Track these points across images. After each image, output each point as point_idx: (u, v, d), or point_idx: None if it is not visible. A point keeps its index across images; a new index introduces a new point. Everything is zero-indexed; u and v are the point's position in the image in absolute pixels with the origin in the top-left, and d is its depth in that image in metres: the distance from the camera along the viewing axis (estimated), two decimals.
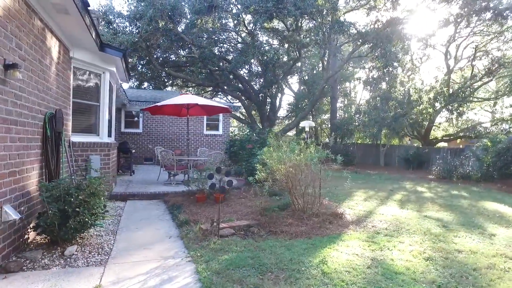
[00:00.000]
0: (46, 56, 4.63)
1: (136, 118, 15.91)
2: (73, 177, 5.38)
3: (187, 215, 5.63)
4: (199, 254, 3.88)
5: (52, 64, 4.93)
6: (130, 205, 6.77)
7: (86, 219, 3.92)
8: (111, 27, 16.80)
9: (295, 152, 5.36)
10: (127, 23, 17.25)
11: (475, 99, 23.29)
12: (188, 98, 8.59)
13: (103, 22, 16.94)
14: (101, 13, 17.02)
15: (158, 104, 8.94)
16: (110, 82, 7.62)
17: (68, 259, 3.63)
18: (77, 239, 4.19)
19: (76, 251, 3.85)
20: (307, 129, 13.31)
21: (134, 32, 17.02)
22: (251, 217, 5.27)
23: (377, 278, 3.30)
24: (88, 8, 5.04)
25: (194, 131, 16.15)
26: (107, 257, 3.80)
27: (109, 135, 7.85)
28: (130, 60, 20.83)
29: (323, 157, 5.55)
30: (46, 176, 4.59)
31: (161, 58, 21.86)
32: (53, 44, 4.95)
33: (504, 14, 17.36)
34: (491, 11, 17.74)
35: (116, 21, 17.24)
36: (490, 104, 25.52)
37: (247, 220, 5.03)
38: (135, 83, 24.60)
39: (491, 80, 20.73)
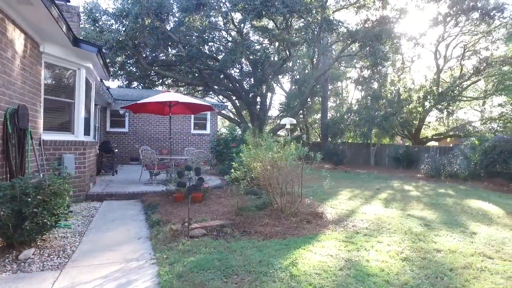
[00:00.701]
0: (7, 48, 4.39)
1: (122, 118, 15.60)
2: (41, 176, 5.13)
3: (161, 215, 5.42)
4: (165, 256, 3.69)
5: (16, 57, 4.69)
6: (106, 205, 6.54)
7: (45, 220, 3.69)
8: (96, 24, 16.48)
9: (273, 149, 5.19)
10: (113, 21, 16.93)
11: (464, 98, 23.40)
12: (169, 95, 8.37)
13: (89, 20, 16.62)
14: (87, 10, 16.70)
15: (139, 102, 8.72)
16: (87, 78, 7.37)
17: (22, 264, 3.40)
18: (38, 241, 3.96)
19: (33, 254, 3.63)
20: (288, 126, 13.16)
21: (121, 30, 16.73)
22: (226, 217, 5.08)
23: (348, 280, 3.13)
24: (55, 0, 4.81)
25: (181, 131, 15.91)
26: (67, 260, 3.58)
27: (87, 133, 7.59)
28: (118, 59, 20.53)
29: (303, 154, 5.38)
30: (7, 175, 4.35)
31: (150, 57, 21.56)
32: (17, 37, 4.71)
33: (491, 14, 17.48)
34: (479, 10, 17.84)
35: (102, 18, 16.92)
36: (479, 103, 25.69)
37: (221, 220, 4.84)
38: (125, 82, 24.25)
39: (480, 79, 20.81)
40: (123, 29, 16.48)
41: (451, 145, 20.37)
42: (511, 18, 17.94)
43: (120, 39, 16.10)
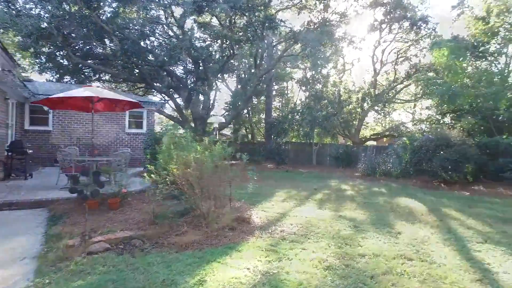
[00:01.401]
0: None
1: (45, 114, 13.88)
2: None
3: (65, 226, 4.64)
4: (47, 281, 3.01)
5: None
6: None
7: None
8: (12, 7, 14.47)
9: (195, 150, 4.69)
10: (33, 5, 15.03)
11: (398, 101, 25.04)
12: (90, 90, 7.44)
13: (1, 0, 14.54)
14: None
15: (53, 96, 7.62)
16: None
17: None
18: None
19: None
20: (215, 125, 12.78)
21: (43, 16, 14.92)
22: (139, 226, 4.47)
23: None
24: None
25: (116, 129, 14.66)
26: None
27: None
28: (43, 49, 18.37)
29: (228, 155, 4.96)
30: None
31: (84, 49, 19.64)
32: None
33: (418, 24, 19.05)
34: (408, 20, 19.25)
35: (20, 1, 14.92)
36: (411, 105, 27.70)
37: (132, 231, 4.23)
38: (55, 76, 21.88)
39: (410, 83, 22.37)
40: (46, 15, 14.71)
41: (387, 144, 21.60)
42: (433, 30, 19.66)
43: (42, 26, 14.33)
